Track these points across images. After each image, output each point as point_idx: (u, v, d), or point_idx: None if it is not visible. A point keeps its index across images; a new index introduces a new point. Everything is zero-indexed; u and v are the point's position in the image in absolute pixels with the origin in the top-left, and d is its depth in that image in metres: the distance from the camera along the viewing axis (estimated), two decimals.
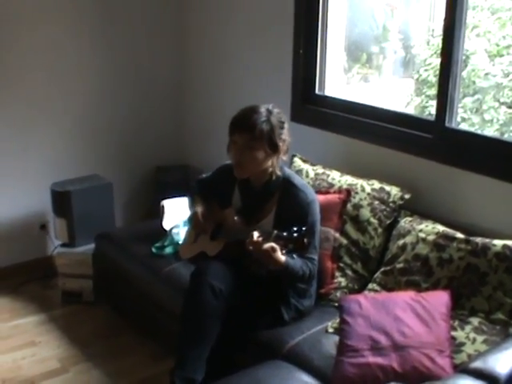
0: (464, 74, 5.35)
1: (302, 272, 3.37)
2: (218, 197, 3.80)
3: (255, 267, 3.43)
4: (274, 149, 3.43)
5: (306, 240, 3.11)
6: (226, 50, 5.16)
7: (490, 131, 5.50)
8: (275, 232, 3.15)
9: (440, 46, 3.81)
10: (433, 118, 3.89)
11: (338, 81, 4.80)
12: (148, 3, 5.35)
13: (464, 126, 5.30)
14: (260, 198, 3.58)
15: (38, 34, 4.87)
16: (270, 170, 3.50)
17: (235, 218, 3.59)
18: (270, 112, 3.45)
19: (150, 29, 5.41)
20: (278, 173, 3.51)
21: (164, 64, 5.57)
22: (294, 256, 3.26)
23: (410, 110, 6.17)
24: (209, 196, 3.86)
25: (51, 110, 5.06)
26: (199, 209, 3.79)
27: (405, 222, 3.61)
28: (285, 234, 3.13)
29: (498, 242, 3.19)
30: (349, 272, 3.74)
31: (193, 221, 3.83)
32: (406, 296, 3.17)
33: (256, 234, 3.17)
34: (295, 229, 3.12)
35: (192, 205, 3.92)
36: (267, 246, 3.14)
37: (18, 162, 4.99)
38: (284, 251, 3.17)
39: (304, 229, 3.12)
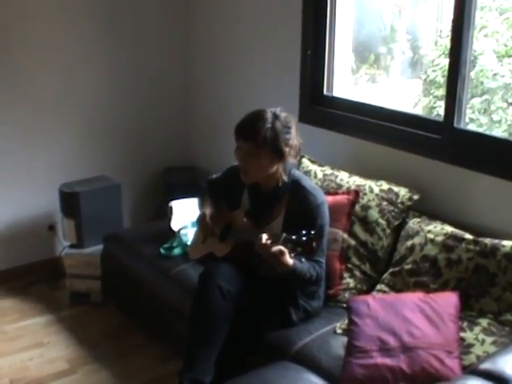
0: (472, 74, 5.34)
1: (310, 275, 3.37)
2: (228, 198, 3.79)
3: (263, 269, 3.43)
4: (280, 155, 3.40)
5: (314, 244, 3.10)
6: (234, 51, 5.16)
7: (499, 132, 5.49)
8: (284, 235, 3.14)
9: (448, 46, 3.82)
10: (441, 119, 3.88)
11: (346, 82, 4.79)
12: (156, 4, 5.36)
13: (472, 127, 5.30)
14: (269, 200, 3.57)
15: (46, 35, 4.89)
16: (278, 175, 3.48)
17: (244, 219, 3.59)
18: (275, 117, 3.40)
19: (158, 30, 5.42)
20: (285, 179, 3.49)
21: (171, 66, 5.57)
22: (303, 259, 3.25)
23: (418, 111, 6.16)
24: (218, 197, 3.86)
25: (60, 111, 5.07)
26: (207, 210, 3.78)
27: (413, 223, 3.61)
28: (293, 237, 3.11)
29: (507, 243, 3.18)
30: (357, 273, 3.73)
31: (201, 222, 3.83)
32: (414, 297, 3.17)
33: (265, 237, 3.16)
34: (304, 232, 3.10)
35: (202, 205, 3.92)
36: (275, 249, 3.13)
37: (26, 162, 5.00)
38: (292, 254, 3.16)
39: (313, 232, 3.10)
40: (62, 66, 5.01)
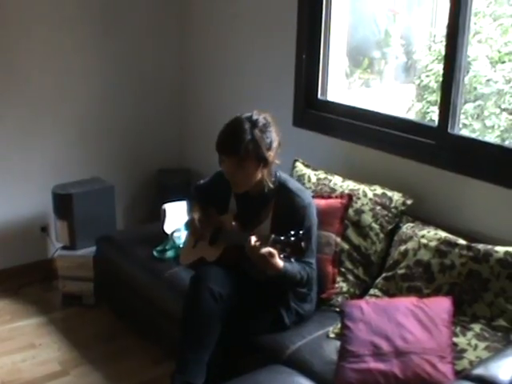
0: (466, 80, 5.36)
1: (300, 276, 3.37)
2: (216, 202, 3.79)
3: (254, 272, 3.43)
4: (264, 162, 3.41)
5: (303, 244, 3.10)
6: (229, 54, 5.17)
7: (491, 137, 5.50)
8: (273, 236, 3.14)
9: (441, 51, 3.83)
10: (435, 124, 3.89)
11: (340, 86, 4.80)
12: (151, 9, 5.36)
13: (465, 132, 5.31)
14: (257, 203, 3.58)
15: (41, 38, 4.88)
16: (265, 179, 3.48)
17: (233, 223, 3.59)
18: (253, 125, 3.39)
19: (152, 33, 5.42)
20: (270, 185, 3.49)
21: (166, 67, 5.57)
22: (292, 260, 3.25)
23: (411, 116, 6.17)
24: (206, 202, 3.86)
25: (53, 113, 5.07)
26: (196, 215, 3.78)
27: (407, 228, 3.61)
28: (282, 238, 3.11)
29: (500, 249, 3.19)
30: (350, 277, 3.73)
31: (190, 227, 3.84)
32: (407, 302, 3.17)
33: (253, 239, 3.16)
34: (292, 233, 3.10)
35: (190, 211, 3.92)
36: (264, 250, 3.12)
37: (19, 164, 4.99)
38: (282, 255, 3.16)
39: (301, 232, 3.11)
40: (56, 68, 5.00)
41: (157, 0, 5.39)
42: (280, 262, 3.19)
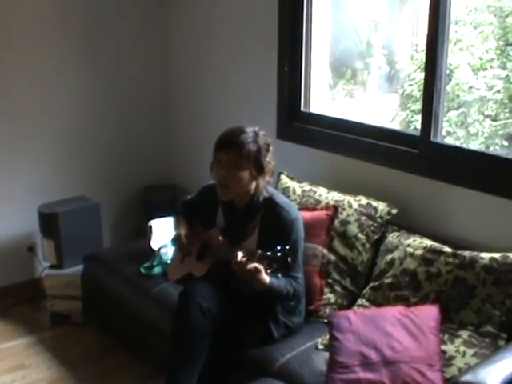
0: (448, 87, 5.38)
1: (286, 291, 3.37)
2: (203, 217, 3.79)
3: (242, 287, 3.42)
4: (260, 170, 3.43)
5: (289, 259, 3.10)
6: (212, 69, 5.17)
7: (475, 144, 5.53)
8: (259, 252, 3.13)
9: (424, 60, 3.84)
10: (418, 133, 3.91)
11: (324, 97, 4.81)
12: (133, 27, 5.37)
13: (449, 140, 5.33)
14: (244, 217, 3.58)
15: (24, 56, 4.87)
16: (253, 191, 3.49)
17: (220, 238, 3.58)
18: (256, 134, 3.44)
19: (136, 49, 5.41)
20: (266, 194, 3.51)
21: (151, 85, 5.57)
22: (279, 275, 3.24)
23: (396, 125, 6.20)
24: (193, 217, 3.86)
25: (38, 132, 5.05)
26: (182, 230, 3.79)
27: (392, 237, 3.62)
28: (269, 253, 3.11)
29: (486, 255, 3.20)
30: (338, 288, 3.74)
31: (177, 243, 3.83)
32: (395, 311, 3.18)
33: (240, 255, 3.16)
34: (279, 248, 3.10)
35: (176, 226, 3.92)
36: (251, 266, 3.12)
37: (5, 183, 4.97)
38: (269, 271, 3.15)
39: (288, 248, 3.11)
40: (40, 86, 4.99)
41: (140, 17, 5.40)
42: (266, 278, 3.18)
